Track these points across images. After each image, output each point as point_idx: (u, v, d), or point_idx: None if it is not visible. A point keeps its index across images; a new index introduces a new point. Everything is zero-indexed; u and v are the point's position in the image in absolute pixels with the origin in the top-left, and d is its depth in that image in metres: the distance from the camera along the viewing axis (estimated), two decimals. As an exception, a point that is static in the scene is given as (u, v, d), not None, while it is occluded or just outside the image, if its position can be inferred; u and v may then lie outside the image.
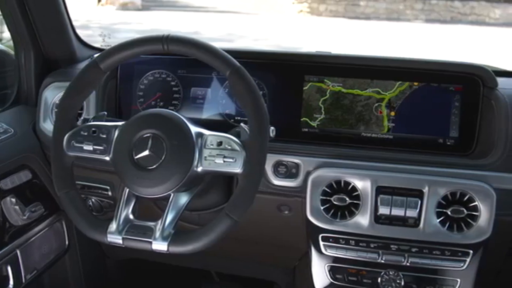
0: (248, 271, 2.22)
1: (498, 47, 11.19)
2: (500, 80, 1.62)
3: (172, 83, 1.76)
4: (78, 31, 2.02)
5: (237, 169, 1.31)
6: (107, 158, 1.37)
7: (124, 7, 17.11)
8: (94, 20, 12.51)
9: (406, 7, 16.12)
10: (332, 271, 1.64)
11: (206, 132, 1.36)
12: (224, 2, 17.88)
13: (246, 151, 1.31)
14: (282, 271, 2.09)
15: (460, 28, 14.58)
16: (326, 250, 1.62)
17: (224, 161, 1.32)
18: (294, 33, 13.42)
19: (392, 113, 1.64)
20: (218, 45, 1.37)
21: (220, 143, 1.34)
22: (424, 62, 1.65)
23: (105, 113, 1.49)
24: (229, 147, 1.33)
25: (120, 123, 1.40)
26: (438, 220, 1.52)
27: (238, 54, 1.52)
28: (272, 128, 1.37)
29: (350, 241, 1.59)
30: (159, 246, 1.31)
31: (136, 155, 1.32)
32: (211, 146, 1.34)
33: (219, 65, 1.34)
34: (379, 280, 1.60)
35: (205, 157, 1.33)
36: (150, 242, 1.31)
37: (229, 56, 1.34)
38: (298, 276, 1.91)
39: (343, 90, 1.65)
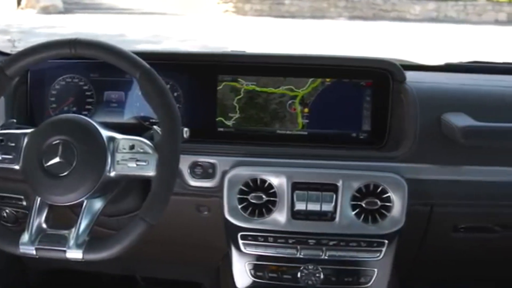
0: (173, 274, 2.20)
1: (417, 42, 11.55)
2: (409, 74, 1.67)
3: (85, 87, 1.72)
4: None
5: (150, 172, 1.31)
6: (17, 167, 1.34)
7: (45, 10, 16.69)
8: (14, 25, 12.15)
9: (329, 5, 16.42)
10: (253, 269, 1.65)
11: (118, 136, 1.35)
12: (150, 4, 17.72)
13: (158, 153, 1.31)
14: (207, 271, 2.08)
15: (382, 24, 14.95)
16: (245, 248, 1.62)
17: (137, 165, 1.31)
18: (220, 33, 13.44)
19: (306, 110, 1.66)
20: (144, 47, 1.37)
21: (132, 147, 1.33)
22: (335, 59, 1.69)
23: (14, 120, 1.46)
24: (142, 150, 1.32)
25: (29, 131, 1.37)
26: (353, 213, 1.55)
27: (150, 56, 1.51)
28: (185, 129, 1.38)
29: (269, 238, 1.60)
30: (74, 254, 1.29)
31: (46, 163, 1.29)
32: (124, 150, 1.33)
33: (128, 67, 1.33)
34: (298, 275, 1.62)
35: (118, 161, 1.32)
36: (64, 251, 1.29)
37: (138, 58, 1.33)
38: (222, 276, 1.91)
39: (257, 88, 1.67)
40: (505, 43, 12.06)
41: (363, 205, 1.55)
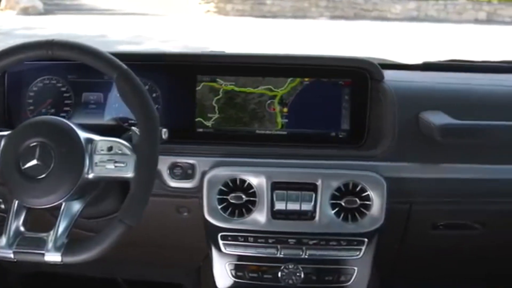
0: (155, 275, 2.19)
1: (398, 41, 11.62)
2: (387, 73, 1.68)
3: (63, 89, 1.71)
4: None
5: (129, 173, 1.31)
6: None
7: (25, 11, 16.56)
8: (-6, 26, 12.06)
9: (311, 5, 16.46)
10: (233, 269, 1.65)
11: (96, 137, 1.34)
12: (131, 4, 17.66)
13: (137, 154, 1.30)
14: (188, 272, 2.08)
15: (364, 24, 15.02)
16: (225, 248, 1.62)
17: (115, 166, 1.31)
18: (202, 33, 13.42)
19: (285, 110, 1.66)
20: (126, 48, 1.37)
21: (110, 148, 1.32)
22: (313, 58, 1.69)
23: None
24: (120, 152, 1.32)
25: (6, 133, 1.36)
26: (333, 212, 1.56)
27: (128, 56, 1.50)
28: (164, 130, 1.37)
29: (249, 238, 1.60)
30: (52, 257, 1.28)
31: (23, 165, 1.28)
32: (102, 152, 1.32)
33: (105, 68, 1.33)
34: (279, 274, 1.62)
35: (96, 163, 1.31)
36: (43, 254, 1.28)
37: (115, 59, 1.33)
38: (203, 277, 1.91)
39: (236, 88, 1.67)
40: (485, 41, 12.17)
41: (343, 204, 1.55)
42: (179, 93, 1.68)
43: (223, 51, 1.84)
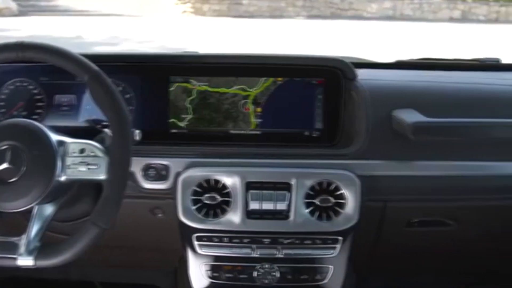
0: (131, 278, 2.19)
1: (374, 40, 11.69)
2: (360, 72, 1.69)
3: (35, 91, 1.69)
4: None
5: (101, 175, 1.30)
6: None
7: (-1, 13, 16.36)
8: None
9: (288, 5, 16.50)
10: (209, 270, 1.65)
11: (68, 140, 1.33)
12: (107, 5, 17.53)
13: (109, 156, 1.30)
14: (164, 274, 2.07)
15: (340, 23, 15.09)
16: (201, 249, 1.62)
17: (87, 169, 1.30)
18: (178, 34, 13.38)
19: (259, 109, 1.66)
20: (102, 49, 1.35)
21: (82, 150, 1.31)
22: (286, 58, 1.70)
23: None
24: (92, 154, 1.31)
25: None
26: (307, 211, 1.56)
27: (100, 58, 1.50)
28: (136, 131, 1.37)
29: (224, 238, 1.60)
30: (25, 261, 1.26)
31: None
32: (74, 154, 1.31)
33: (77, 70, 1.31)
34: (255, 274, 1.63)
35: (68, 165, 1.30)
36: (15, 258, 1.26)
37: (86, 61, 1.32)
38: (179, 278, 1.91)
39: (209, 89, 1.66)
40: (460, 40, 12.29)
41: (317, 202, 1.56)
42: (152, 94, 1.68)
43: (196, 51, 1.83)
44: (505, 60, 2.06)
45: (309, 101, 1.66)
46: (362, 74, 1.69)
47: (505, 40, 12.00)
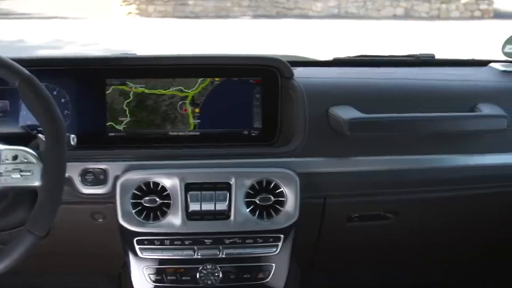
0: (76, 284, 2.15)
1: (320, 39, 11.81)
2: (298, 70, 1.70)
3: None
4: None
5: (35, 182, 1.28)
6: None
7: None
8: None
9: (233, 4, 16.46)
10: (151, 273, 1.63)
11: (0, 146, 1.30)
12: (50, 8, 17.17)
13: (43, 162, 1.27)
14: (109, 280, 2.05)
15: (286, 22, 15.17)
16: (142, 253, 1.60)
17: (21, 175, 1.28)
18: (124, 35, 13.22)
19: (197, 110, 1.66)
20: (45, 52, 1.32)
21: (15, 157, 1.29)
22: (223, 58, 1.70)
23: None
24: (26, 160, 1.28)
25: None
26: (248, 210, 1.57)
27: (34, 62, 1.47)
28: (72, 136, 1.35)
29: (165, 241, 1.59)
30: None
31: None
32: (7, 161, 1.29)
33: (6, 75, 1.28)
34: (197, 275, 1.62)
35: (1, 173, 1.28)
36: None
37: (16, 65, 1.29)
38: (123, 283, 1.89)
39: (146, 91, 1.65)
40: (403, 36, 12.51)
41: (257, 201, 1.57)
42: (88, 98, 1.65)
43: (134, 53, 1.82)
44: (441, 55, 2.11)
45: (247, 101, 1.67)
46: (299, 72, 1.71)
47: (445, 35, 12.29)
